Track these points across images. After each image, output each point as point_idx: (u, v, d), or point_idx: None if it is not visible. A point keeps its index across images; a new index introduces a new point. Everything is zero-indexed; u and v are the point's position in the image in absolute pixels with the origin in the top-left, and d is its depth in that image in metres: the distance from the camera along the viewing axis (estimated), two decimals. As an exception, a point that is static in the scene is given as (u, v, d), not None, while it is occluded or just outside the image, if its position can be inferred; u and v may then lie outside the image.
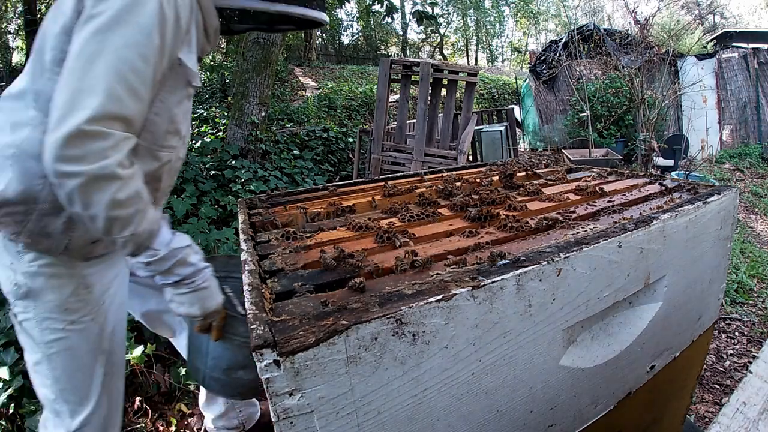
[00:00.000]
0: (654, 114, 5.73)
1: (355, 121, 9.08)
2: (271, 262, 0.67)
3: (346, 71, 14.68)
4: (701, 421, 1.88)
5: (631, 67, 6.51)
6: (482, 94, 13.52)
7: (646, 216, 0.79)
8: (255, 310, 0.51)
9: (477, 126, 5.71)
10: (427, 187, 1.09)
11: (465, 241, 0.74)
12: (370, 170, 4.25)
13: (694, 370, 1.11)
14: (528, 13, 24.35)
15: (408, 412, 0.54)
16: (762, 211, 5.25)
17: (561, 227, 0.78)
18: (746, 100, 8.28)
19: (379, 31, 21.00)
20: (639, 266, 0.76)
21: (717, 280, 0.99)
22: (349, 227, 0.82)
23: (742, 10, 18.90)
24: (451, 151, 4.10)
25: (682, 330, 0.94)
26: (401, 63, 4.17)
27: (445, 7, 22.13)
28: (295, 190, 1.13)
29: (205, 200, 2.94)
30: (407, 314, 0.51)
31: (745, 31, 10.28)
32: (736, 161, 7.47)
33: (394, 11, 5.00)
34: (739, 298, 2.99)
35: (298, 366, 0.45)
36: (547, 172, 1.25)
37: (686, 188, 1.01)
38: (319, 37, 19.36)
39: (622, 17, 17.74)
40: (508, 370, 0.62)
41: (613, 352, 0.77)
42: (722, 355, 2.38)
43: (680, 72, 8.30)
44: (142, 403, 1.90)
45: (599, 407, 0.80)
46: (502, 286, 0.57)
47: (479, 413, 0.61)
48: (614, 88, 8.41)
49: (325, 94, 9.91)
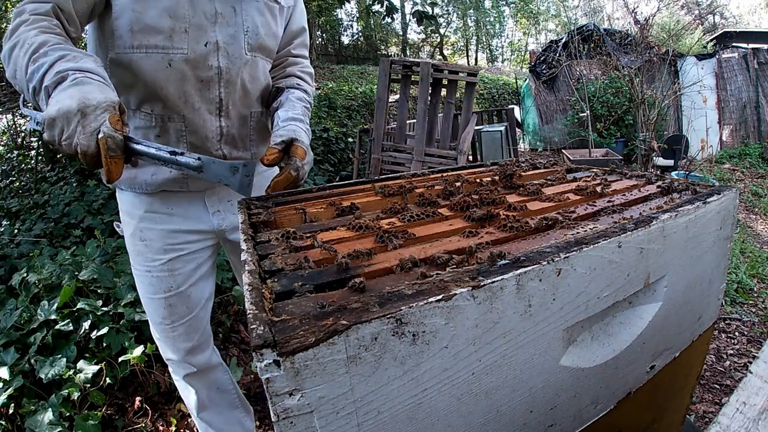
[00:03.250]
0: (654, 114, 5.73)
1: (355, 121, 9.08)
2: (271, 262, 0.67)
3: (346, 71, 14.68)
4: (701, 421, 1.88)
5: (631, 67, 6.51)
6: (482, 94, 13.52)
7: (646, 216, 0.79)
8: (255, 310, 0.51)
9: (477, 126, 5.71)
10: (420, 186, 1.09)
11: (465, 241, 0.74)
12: (370, 170, 4.25)
13: (694, 370, 1.11)
14: (528, 13, 24.35)
15: (408, 412, 0.54)
16: (762, 211, 5.25)
17: (561, 227, 0.78)
18: (746, 100, 8.29)
19: (379, 31, 21.00)
20: (639, 266, 0.76)
21: (717, 280, 0.99)
22: (349, 227, 0.82)
23: (742, 10, 18.90)
24: (451, 151, 4.10)
25: (682, 330, 0.94)
26: (401, 63, 4.17)
27: (445, 7, 22.12)
28: (295, 190, 1.13)
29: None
30: (407, 314, 0.51)
31: (745, 31, 10.29)
32: (736, 161, 7.47)
33: (394, 11, 5.00)
34: (739, 298, 2.99)
35: (298, 366, 0.45)
36: (547, 172, 1.25)
37: (686, 188, 1.01)
38: (319, 37, 19.35)
39: (622, 17, 17.73)
40: (509, 370, 0.62)
41: (613, 352, 0.77)
42: (722, 355, 2.38)
43: (680, 72, 8.30)
44: (142, 403, 1.90)
45: (599, 407, 0.80)
46: (502, 286, 0.57)
47: (479, 413, 0.61)
48: (614, 88, 8.41)
49: (325, 94, 9.91)
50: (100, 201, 3.24)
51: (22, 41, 0.87)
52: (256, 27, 1.15)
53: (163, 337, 1.28)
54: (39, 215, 3.28)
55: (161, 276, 1.21)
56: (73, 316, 1.85)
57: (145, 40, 0.99)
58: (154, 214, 1.18)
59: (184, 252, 1.22)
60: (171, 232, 1.20)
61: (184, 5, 1.02)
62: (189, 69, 1.05)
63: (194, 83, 1.08)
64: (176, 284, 1.23)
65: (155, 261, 1.20)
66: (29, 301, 1.95)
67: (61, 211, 3.23)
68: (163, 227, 1.19)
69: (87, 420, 1.62)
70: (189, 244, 1.23)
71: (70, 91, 0.79)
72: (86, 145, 0.79)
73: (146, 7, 0.99)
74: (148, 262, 1.20)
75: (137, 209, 1.18)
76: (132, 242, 1.21)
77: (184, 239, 1.22)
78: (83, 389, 1.69)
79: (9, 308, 1.90)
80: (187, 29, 1.03)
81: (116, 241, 2.58)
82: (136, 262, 1.22)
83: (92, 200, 3.26)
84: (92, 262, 2.18)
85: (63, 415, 1.63)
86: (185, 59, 1.04)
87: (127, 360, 1.81)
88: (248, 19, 1.13)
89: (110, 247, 2.48)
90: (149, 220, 1.18)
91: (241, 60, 1.13)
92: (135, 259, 1.22)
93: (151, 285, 1.22)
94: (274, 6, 1.20)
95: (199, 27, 1.05)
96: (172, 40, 1.01)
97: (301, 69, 1.36)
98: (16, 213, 3.50)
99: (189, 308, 1.26)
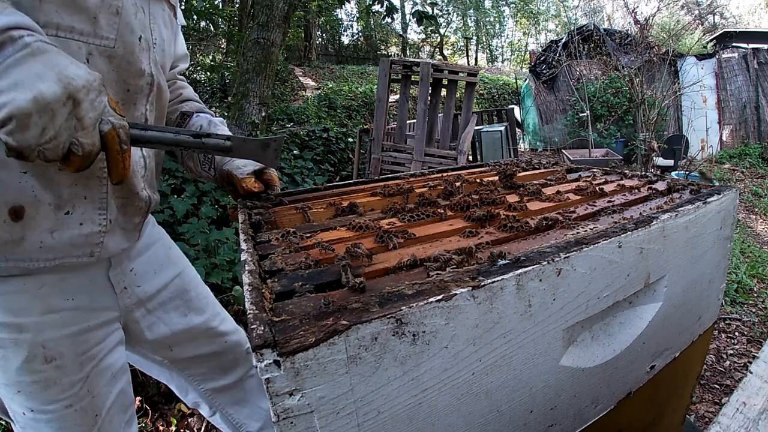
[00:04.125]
0: (654, 114, 5.73)
1: (355, 121, 9.08)
2: (271, 262, 0.67)
3: (346, 71, 14.69)
4: (701, 421, 1.88)
5: (631, 67, 6.51)
6: (482, 94, 13.52)
7: (646, 216, 0.79)
8: (255, 310, 0.51)
9: (477, 126, 5.71)
10: (421, 187, 1.09)
11: (465, 241, 0.74)
12: (370, 170, 4.25)
13: (694, 370, 1.11)
14: (528, 13, 24.34)
15: (408, 412, 0.54)
16: (762, 211, 5.25)
17: (561, 227, 0.78)
18: (746, 100, 8.28)
19: (379, 31, 21.00)
20: (639, 266, 0.76)
21: (717, 280, 0.99)
22: (349, 227, 0.82)
23: (742, 10, 18.90)
24: (451, 151, 4.10)
25: (682, 330, 0.94)
26: (401, 63, 4.17)
27: (445, 7, 22.12)
28: (295, 190, 1.13)
29: (205, 200, 2.94)
30: (407, 314, 0.51)
31: (745, 31, 10.29)
32: (736, 161, 7.47)
33: (394, 11, 4.99)
34: (739, 298, 2.99)
35: (299, 366, 0.45)
36: (547, 172, 1.25)
37: (686, 188, 1.01)
38: (319, 37, 19.36)
39: (622, 17, 17.74)
40: (509, 370, 0.62)
41: (613, 352, 0.77)
42: (722, 355, 2.38)
43: (680, 72, 8.30)
44: (142, 403, 1.90)
45: (599, 407, 0.80)
46: (502, 286, 0.57)
47: (479, 413, 0.61)
48: (614, 88, 8.41)
49: (325, 94, 9.92)
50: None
51: None
52: (162, 41, 0.87)
53: None
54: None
55: (84, 405, 0.81)
56: (73, 316, 1.84)
57: (57, 18, 0.65)
58: (55, 315, 0.76)
59: (99, 356, 0.84)
60: (81, 333, 0.80)
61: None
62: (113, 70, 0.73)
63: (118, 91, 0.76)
64: (101, 405, 0.85)
65: (74, 387, 0.79)
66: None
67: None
68: (71, 330, 0.79)
69: (87, 420, 1.62)
70: (99, 344, 0.84)
71: (33, 65, 0.53)
72: (91, 144, 0.59)
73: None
74: (65, 392, 0.78)
75: (29, 312, 0.74)
76: (27, 373, 0.75)
77: (95, 339, 0.83)
78: (83, 389, 1.69)
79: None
80: (119, 10, 0.71)
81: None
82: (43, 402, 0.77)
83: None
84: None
85: (63, 415, 1.63)
86: (112, 55, 0.72)
87: (127, 360, 1.81)
88: (156, 28, 0.84)
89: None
90: (52, 325, 0.76)
91: (161, 73, 0.85)
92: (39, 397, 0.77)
93: (78, 425, 0.81)
94: (174, 20, 0.95)
95: (131, 13, 0.74)
96: (96, 23, 0.69)
97: (192, 93, 1.11)
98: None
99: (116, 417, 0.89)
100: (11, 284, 0.72)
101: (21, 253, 0.70)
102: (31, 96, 0.52)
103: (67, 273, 0.77)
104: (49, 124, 0.54)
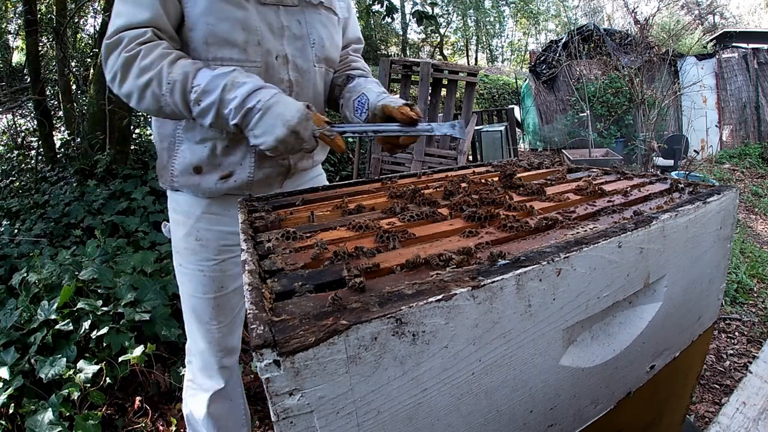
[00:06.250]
0: (654, 114, 5.73)
1: (355, 121, 9.04)
2: (271, 262, 0.67)
3: (346, 71, 14.61)
4: (701, 420, 1.88)
5: (631, 67, 6.51)
6: (482, 94, 13.51)
7: (646, 216, 0.79)
8: (255, 310, 0.51)
9: (477, 126, 5.72)
10: (427, 187, 1.09)
11: (465, 240, 0.74)
12: (370, 170, 4.25)
13: (694, 370, 1.11)
14: (528, 13, 24.33)
15: (408, 412, 0.54)
16: (762, 211, 5.25)
17: (561, 227, 0.78)
18: (746, 100, 8.29)
19: (379, 31, 20.97)
20: (639, 266, 0.76)
21: (717, 280, 0.99)
22: (349, 227, 0.82)
23: (742, 10, 18.90)
24: (451, 151, 4.10)
25: (682, 330, 0.94)
26: (401, 63, 4.17)
27: (445, 7, 22.10)
28: (294, 190, 1.13)
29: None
30: (407, 314, 0.51)
31: (745, 31, 10.29)
32: (736, 161, 7.47)
33: (394, 11, 4.99)
34: (739, 298, 2.99)
35: (298, 366, 0.45)
36: (547, 172, 1.25)
37: (686, 188, 1.01)
38: (319, 37, 19.24)
39: (622, 17, 17.73)
40: (508, 370, 0.62)
41: (613, 352, 0.77)
42: (722, 355, 2.38)
43: (680, 72, 8.30)
44: (142, 403, 1.90)
45: (599, 407, 0.80)
46: (502, 286, 0.57)
47: (479, 413, 0.61)
48: (614, 88, 8.41)
49: (325, 94, 9.87)
50: (100, 201, 3.24)
51: (157, 79, 0.95)
52: (321, 39, 1.18)
53: (207, 337, 1.29)
54: (39, 215, 3.28)
55: (214, 276, 1.23)
56: (73, 316, 1.85)
57: (220, 53, 1.03)
58: (212, 216, 1.19)
59: (235, 254, 1.24)
60: (227, 233, 1.21)
61: (254, 18, 1.04)
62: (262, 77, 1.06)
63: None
64: (226, 285, 1.25)
65: (210, 261, 1.21)
66: (29, 300, 1.95)
67: (62, 211, 3.23)
68: (220, 228, 1.21)
69: (87, 420, 1.62)
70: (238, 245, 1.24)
71: (267, 120, 0.94)
72: (311, 146, 1.00)
73: (218, 19, 1.00)
74: (202, 262, 1.22)
75: (194, 210, 1.20)
76: (186, 242, 1.22)
77: (237, 241, 1.20)
78: (83, 389, 1.69)
79: (9, 308, 1.90)
80: (260, 42, 1.06)
81: (116, 242, 2.58)
82: (189, 261, 1.23)
83: (92, 200, 3.26)
84: (92, 262, 2.18)
85: (63, 415, 1.63)
86: (258, 73, 1.06)
87: (127, 360, 1.81)
88: (313, 31, 1.17)
89: (110, 247, 2.48)
90: (206, 221, 1.20)
91: (309, 72, 1.18)
92: (188, 258, 1.23)
93: (202, 285, 1.23)
94: (333, 17, 1.24)
95: (269, 40, 1.08)
96: (246, 53, 1.04)
97: (363, 65, 1.39)
98: (16, 213, 3.50)
99: (233, 308, 1.29)
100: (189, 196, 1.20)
101: (198, 191, 1.17)
102: (273, 138, 0.95)
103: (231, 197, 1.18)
104: (287, 147, 0.97)
